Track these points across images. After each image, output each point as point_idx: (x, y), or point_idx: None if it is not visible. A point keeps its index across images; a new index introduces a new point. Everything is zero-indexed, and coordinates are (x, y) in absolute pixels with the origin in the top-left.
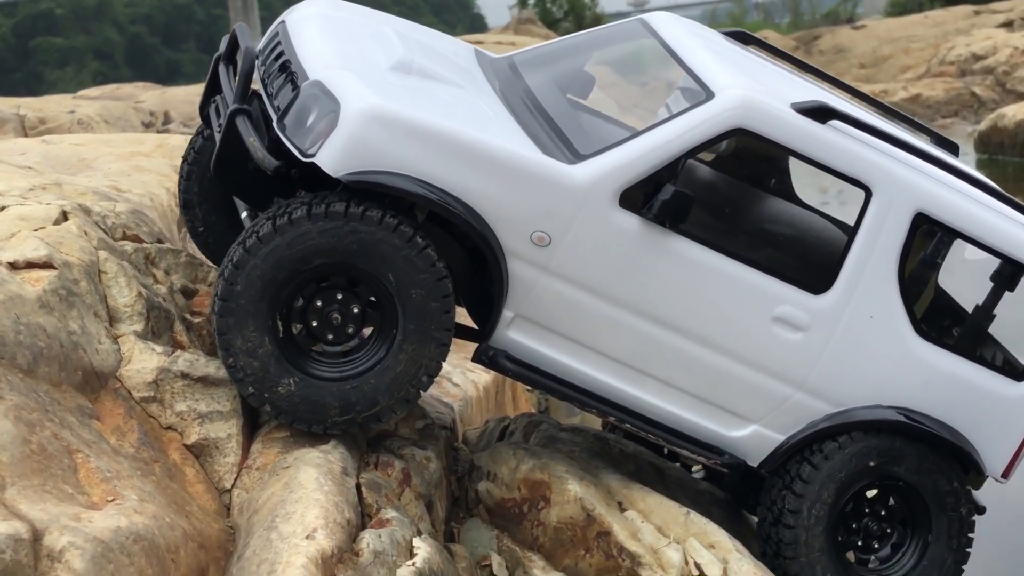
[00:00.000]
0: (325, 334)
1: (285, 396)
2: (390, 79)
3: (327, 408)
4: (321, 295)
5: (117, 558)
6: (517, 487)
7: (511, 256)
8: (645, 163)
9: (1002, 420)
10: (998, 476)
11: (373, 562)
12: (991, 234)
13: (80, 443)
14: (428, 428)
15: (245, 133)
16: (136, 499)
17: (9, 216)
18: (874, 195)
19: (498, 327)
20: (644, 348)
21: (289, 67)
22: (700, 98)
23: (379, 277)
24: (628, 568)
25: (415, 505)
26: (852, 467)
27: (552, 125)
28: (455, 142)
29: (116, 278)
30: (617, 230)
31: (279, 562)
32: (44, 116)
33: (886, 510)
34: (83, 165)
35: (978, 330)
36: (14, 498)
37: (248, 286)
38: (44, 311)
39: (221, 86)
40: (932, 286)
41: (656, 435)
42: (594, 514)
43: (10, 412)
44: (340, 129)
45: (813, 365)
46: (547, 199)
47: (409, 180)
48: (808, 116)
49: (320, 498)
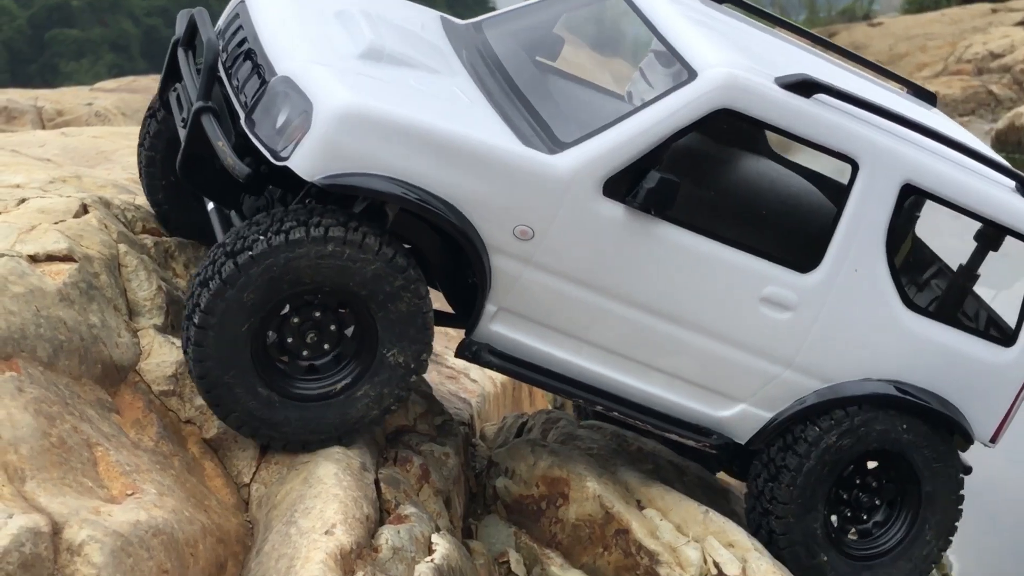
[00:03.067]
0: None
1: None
2: (361, 70)
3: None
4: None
5: (136, 552)
6: (535, 484)
7: (494, 251)
8: (628, 150)
9: (991, 386)
10: (986, 441)
11: (392, 558)
12: (977, 200)
13: (100, 436)
14: (446, 424)
15: (213, 136)
16: (155, 493)
17: (29, 209)
18: (861, 168)
19: (481, 321)
20: (632, 335)
21: (254, 57)
22: (682, 78)
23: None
24: (646, 566)
25: (433, 501)
26: (843, 441)
27: (530, 109)
28: (432, 138)
29: (136, 272)
30: (602, 220)
31: (298, 557)
32: (61, 108)
33: (877, 482)
34: (102, 158)
35: (962, 292)
36: (34, 491)
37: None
38: (64, 304)
39: (181, 72)
40: (917, 250)
41: (644, 421)
42: (612, 512)
43: (30, 405)
44: (314, 131)
45: (802, 343)
46: (529, 192)
47: (387, 181)
48: (792, 91)
49: (339, 493)
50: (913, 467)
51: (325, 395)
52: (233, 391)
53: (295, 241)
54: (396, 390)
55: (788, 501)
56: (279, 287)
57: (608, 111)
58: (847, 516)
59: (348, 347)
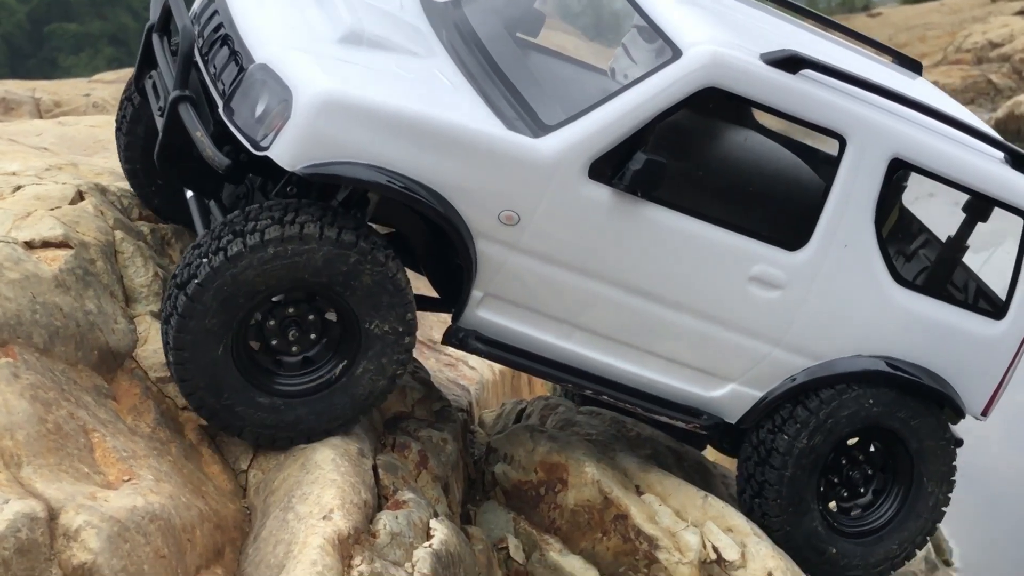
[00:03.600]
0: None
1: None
2: (341, 55)
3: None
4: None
5: (133, 537)
6: (534, 470)
7: (479, 237)
8: (613, 132)
9: (982, 360)
10: (977, 414)
11: (390, 543)
12: (966, 173)
13: (96, 423)
14: (445, 410)
15: (191, 126)
16: (152, 479)
17: (25, 196)
18: (849, 144)
19: (467, 307)
20: (620, 318)
21: (231, 43)
22: (666, 56)
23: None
24: (645, 551)
25: (432, 487)
26: (834, 418)
27: (512, 91)
28: (414, 124)
29: (132, 258)
30: (588, 203)
31: (296, 542)
32: (59, 99)
33: (868, 459)
34: (99, 146)
35: (951, 264)
36: (30, 477)
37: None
38: (60, 290)
39: (156, 59)
40: (905, 223)
41: (632, 403)
42: (611, 497)
43: (26, 391)
44: (293, 120)
45: (791, 321)
46: (513, 177)
47: (370, 169)
48: (778, 67)
49: (337, 479)
50: (903, 442)
51: (327, 383)
52: (234, 411)
53: (235, 256)
54: (395, 356)
55: (778, 484)
56: (237, 303)
57: (592, 91)
58: (842, 496)
59: (333, 331)
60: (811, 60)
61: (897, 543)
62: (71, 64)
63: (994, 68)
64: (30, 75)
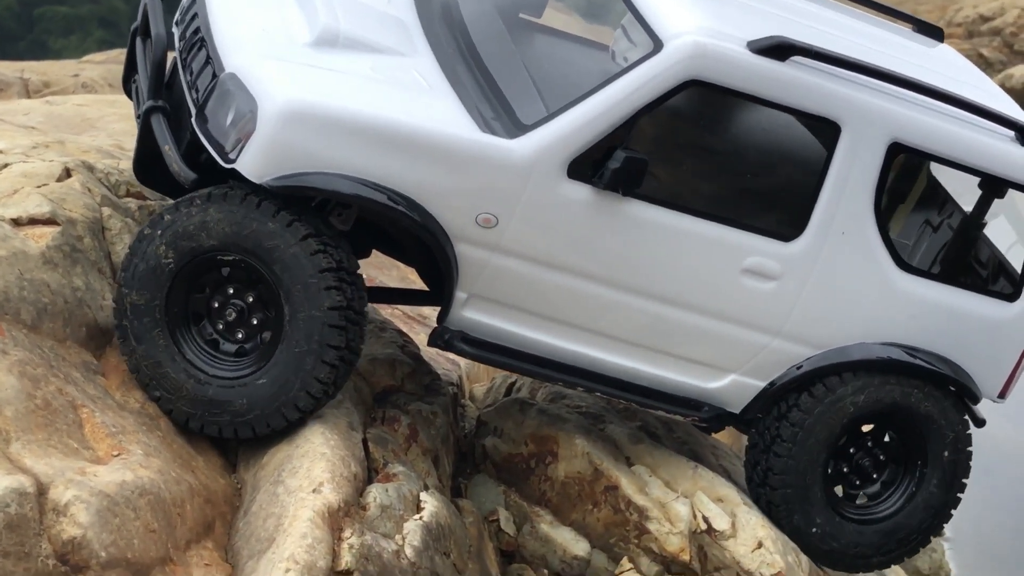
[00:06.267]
0: (216, 322)
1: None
2: (312, 60)
3: (180, 386)
4: (226, 286)
5: (123, 512)
6: (524, 442)
7: (457, 240)
8: (591, 130)
9: (996, 342)
10: (994, 397)
11: (380, 516)
12: (974, 154)
13: (85, 398)
14: (435, 384)
15: (161, 138)
16: (142, 454)
17: (12, 173)
18: (844, 130)
19: (452, 308)
20: (612, 314)
21: (206, 47)
22: (648, 49)
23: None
24: (636, 522)
25: (422, 460)
26: (838, 405)
27: (493, 87)
28: (384, 131)
29: (120, 235)
30: (568, 203)
31: (286, 516)
32: (48, 80)
33: (879, 446)
34: (87, 125)
35: (964, 248)
36: (19, 452)
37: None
38: (48, 267)
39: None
40: (926, 205)
41: (628, 399)
42: (601, 468)
43: (14, 367)
44: (259, 132)
45: (789, 312)
46: (489, 180)
47: (338, 179)
48: (766, 55)
49: (326, 452)
50: (914, 429)
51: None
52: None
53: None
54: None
55: (783, 472)
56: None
57: (586, 78)
58: (852, 483)
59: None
60: (800, 46)
61: (907, 531)
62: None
63: (985, 42)
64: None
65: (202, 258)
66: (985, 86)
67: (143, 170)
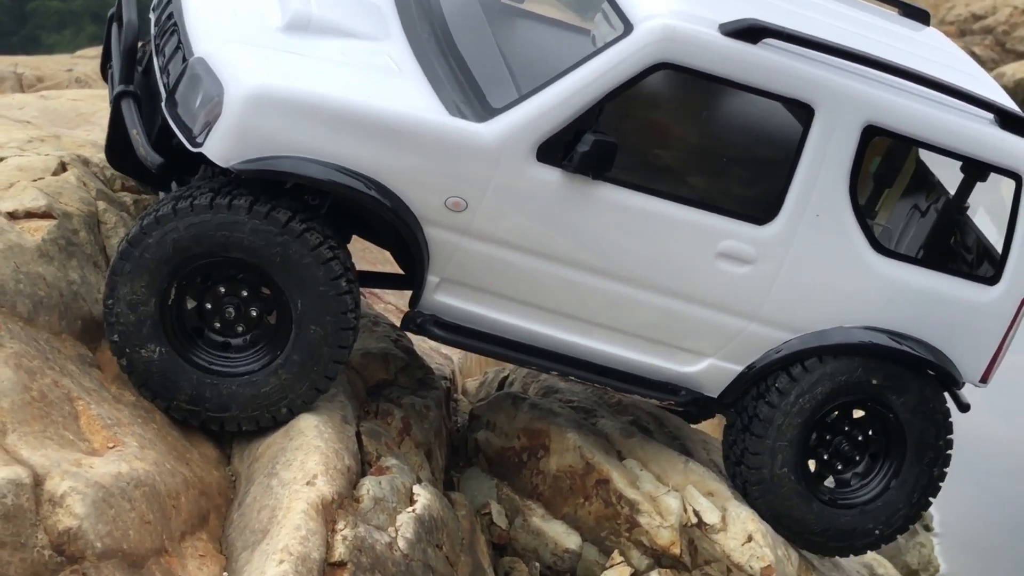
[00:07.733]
0: (213, 320)
1: (144, 360)
2: (282, 45)
3: (178, 391)
4: (226, 285)
5: (118, 503)
6: (516, 436)
7: (427, 224)
8: (560, 113)
9: (977, 326)
10: (976, 382)
11: (373, 508)
12: (950, 137)
13: (81, 391)
14: (427, 378)
15: (129, 123)
16: (137, 446)
17: (8, 167)
18: (817, 113)
19: (424, 292)
20: (583, 298)
21: (179, 32)
22: (618, 32)
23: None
24: (627, 515)
25: (415, 453)
26: (816, 388)
27: (464, 71)
28: (351, 115)
29: (116, 229)
30: (538, 186)
31: (280, 508)
32: (42, 74)
33: (858, 431)
34: (82, 119)
35: (944, 231)
36: (15, 444)
37: (160, 245)
38: (44, 260)
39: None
40: (914, 189)
41: (603, 383)
42: (593, 462)
43: (10, 360)
44: (225, 117)
45: (764, 296)
46: (457, 163)
47: (305, 162)
48: (738, 38)
49: (320, 445)
50: (891, 413)
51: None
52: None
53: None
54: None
55: (759, 452)
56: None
57: (559, 65)
58: (832, 467)
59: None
60: (773, 28)
61: (884, 517)
62: (54, 42)
63: (977, 40)
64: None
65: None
66: (968, 69)
67: (116, 155)
